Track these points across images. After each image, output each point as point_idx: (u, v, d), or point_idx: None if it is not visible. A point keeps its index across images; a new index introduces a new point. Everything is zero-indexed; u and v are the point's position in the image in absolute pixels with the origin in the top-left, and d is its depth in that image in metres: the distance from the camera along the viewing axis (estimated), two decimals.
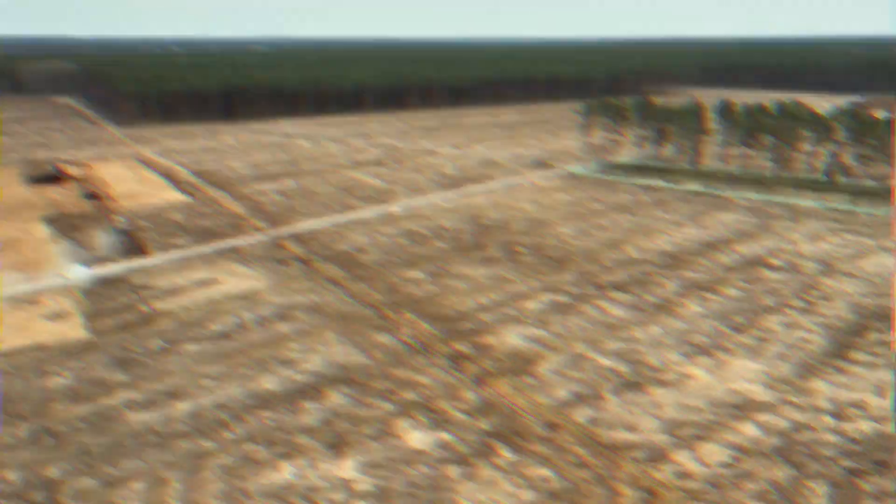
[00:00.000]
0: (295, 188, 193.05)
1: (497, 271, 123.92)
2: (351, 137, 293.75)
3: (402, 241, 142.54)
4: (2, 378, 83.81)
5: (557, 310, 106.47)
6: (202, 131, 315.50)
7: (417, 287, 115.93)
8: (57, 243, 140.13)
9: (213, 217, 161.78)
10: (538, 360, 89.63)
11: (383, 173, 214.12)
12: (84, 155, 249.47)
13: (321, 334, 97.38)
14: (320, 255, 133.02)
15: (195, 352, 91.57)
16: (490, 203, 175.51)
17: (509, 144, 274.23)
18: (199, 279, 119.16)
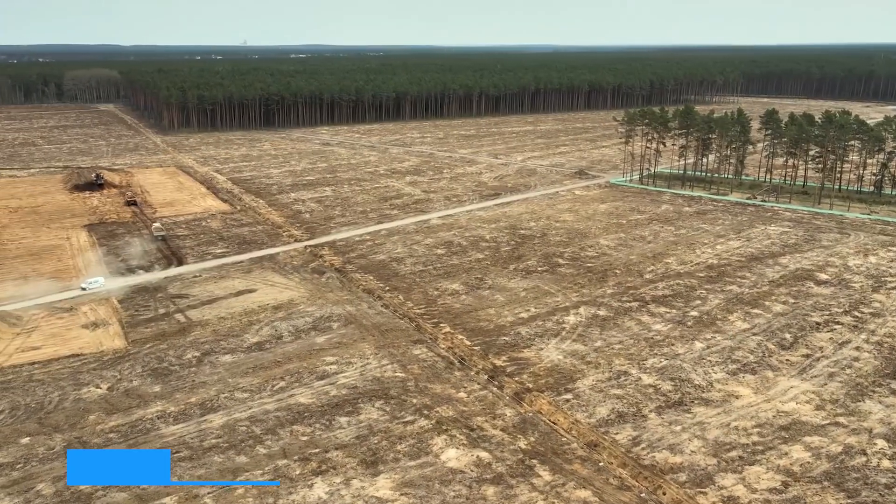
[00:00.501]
0: (332, 197, 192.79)
1: (536, 283, 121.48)
2: (389, 146, 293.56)
3: (440, 251, 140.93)
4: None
5: (598, 324, 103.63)
6: (242, 139, 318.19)
7: (455, 299, 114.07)
8: (97, 251, 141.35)
9: (250, 225, 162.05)
10: (579, 376, 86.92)
11: (421, 182, 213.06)
12: (125, 162, 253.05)
13: (358, 346, 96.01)
14: (357, 265, 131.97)
15: (230, 363, 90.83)
16: (529, 213, 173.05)
17: (548, 153, 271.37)
18: (236, 289, 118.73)
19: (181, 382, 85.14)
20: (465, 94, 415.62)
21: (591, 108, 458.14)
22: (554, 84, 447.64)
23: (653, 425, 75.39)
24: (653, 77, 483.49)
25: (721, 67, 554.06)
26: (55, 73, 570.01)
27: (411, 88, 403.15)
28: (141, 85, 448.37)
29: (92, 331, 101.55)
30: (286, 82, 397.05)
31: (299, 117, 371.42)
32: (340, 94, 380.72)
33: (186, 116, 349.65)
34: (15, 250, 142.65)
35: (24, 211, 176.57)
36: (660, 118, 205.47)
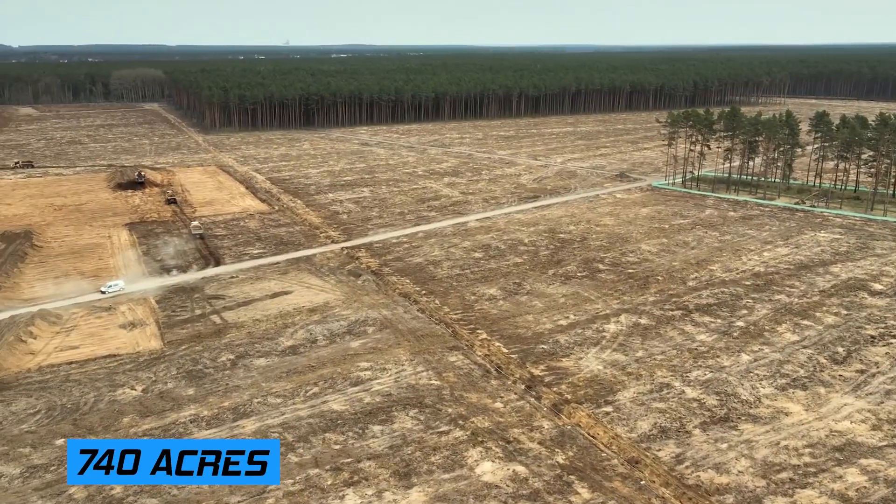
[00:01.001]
0: (370, 197, 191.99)
1: (575, 289, 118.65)
2: (428, 146, 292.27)
3: (478, 254, 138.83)
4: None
5: (640, 333, 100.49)
6: (281, 139, 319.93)
7: (492, 304, 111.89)
8: (136, 250, 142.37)
9: (287, 226, 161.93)
10: (619, 387, 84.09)
11: (459, 183, 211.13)
12: (167, 161, 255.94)
13: (392, 352, 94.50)
14: (393, 268, 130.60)
15: (264, 367, 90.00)
16: (568, 216, 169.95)
17: (589, 155, 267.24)
18: (272, 290, 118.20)
19: (215, 386, 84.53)
20: (504, 95, 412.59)
21: (632, 108, 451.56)
22: (595, 84, 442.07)
23: (697, 442, 72.36)
24: (696, 77, 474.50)
25: (767, 68, 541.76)
26: (103, 72, 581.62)
27: (451, 88, 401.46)
28: (184, 84, 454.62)
29: (129, 331, 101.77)
30: (326, 82, 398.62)
31: (339, 117, 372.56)
32: (380, 94, 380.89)
33: (228, 116, 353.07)
34: (58, 248, 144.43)
35: (69, 209, 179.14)
36: (704, 120, 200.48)
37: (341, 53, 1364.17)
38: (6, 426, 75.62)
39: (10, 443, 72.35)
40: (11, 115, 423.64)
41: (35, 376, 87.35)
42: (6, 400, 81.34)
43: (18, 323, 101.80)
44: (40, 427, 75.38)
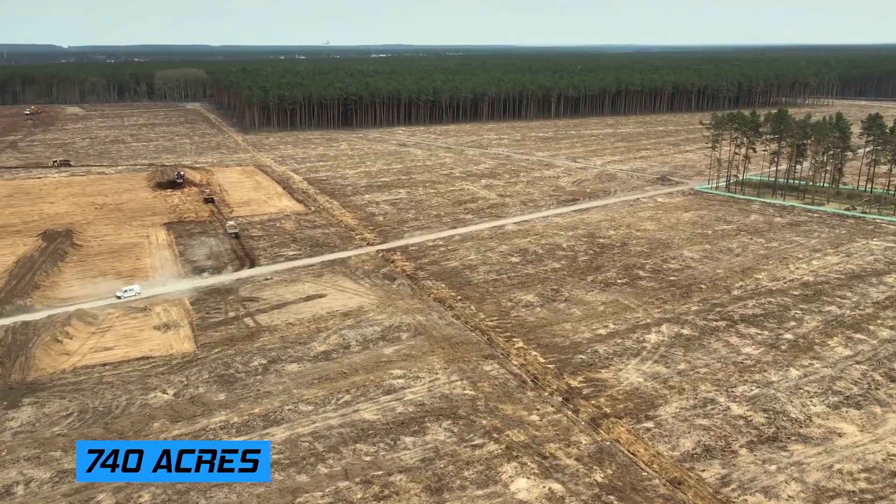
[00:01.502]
0: (406, 199, 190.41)
1: (615, 297, 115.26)
2: (465, 147, 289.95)
3: (515, 259, 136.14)
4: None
5: (682, 344, 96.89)
6: (320, 139, 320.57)
7: (529, 311, 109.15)
8: (173, 250, 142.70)
9: (323, 227, 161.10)
10: (661, 402, 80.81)
11: (497, 185, 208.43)
12: (206, 161, 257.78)
13: (426, 359, 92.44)
14: (429, 272, 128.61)
15: (296, 372, 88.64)
16: (608, 220, 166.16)
17: (629, 157, 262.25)
18: (306, 293, 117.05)
19: (246, 391, 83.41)
20: (543, 96, 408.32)
21: (674, 110, 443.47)
22: (636, 85, 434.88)
23: (744, 463, 68.88)
24: (741, 78, 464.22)
25: (815, 68, 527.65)
26: (147, 72, 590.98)
27: (489, 89, 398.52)
28: (225, 84, 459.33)
29: (163, 332, 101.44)
30: (365, 82, 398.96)
31: (377, 117, 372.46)
32: (418, 94, 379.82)
33: (267, 115, 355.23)
34: (97, 247, 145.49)
35: (109, 208, 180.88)
36: (751, 122, 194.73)
37: (381, 53, 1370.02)
38: (39, 429, 75.37)
39: (41, 446, 72.01)
40: (58, 115, 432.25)
41: (69, 377, 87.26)
42: (40, 401, 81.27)
43: (55, 323, 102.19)
44: (72, 430, 74.95)
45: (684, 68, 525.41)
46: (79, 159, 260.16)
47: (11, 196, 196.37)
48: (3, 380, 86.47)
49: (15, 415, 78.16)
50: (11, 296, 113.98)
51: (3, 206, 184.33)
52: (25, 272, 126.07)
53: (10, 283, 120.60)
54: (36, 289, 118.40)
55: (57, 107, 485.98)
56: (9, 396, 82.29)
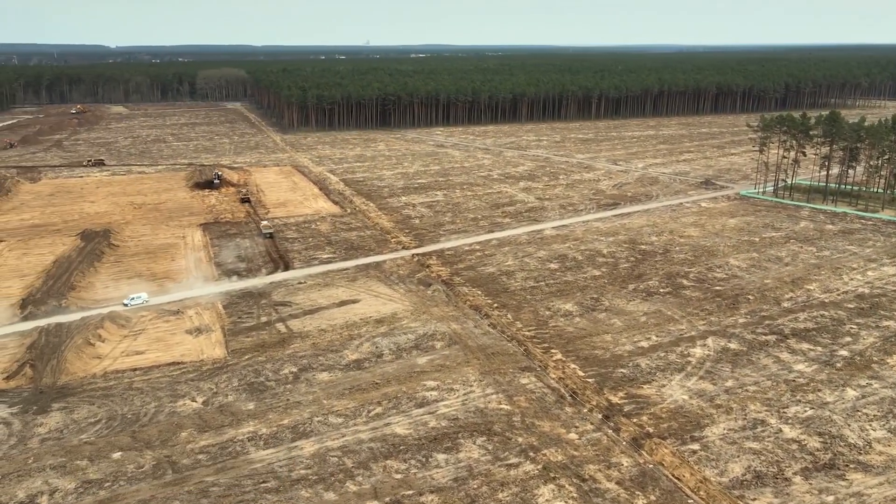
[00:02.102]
0: (443, 202, 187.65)
1: (658, 307, 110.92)
2: (504, 148, 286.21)
3: (553, 265, 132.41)
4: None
5: (729, 359, 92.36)
6: (357, 139, 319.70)
7: (568, 321, 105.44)
8: (208, 251, 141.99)
9: (359, 230, 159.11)
10: (707, 422, 76.65)
11: (535, 188, 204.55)
12: (245, 161, 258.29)
13: (461, 370, 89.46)
14: (465, 277, 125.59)
15: (327, 382, 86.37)
16: (650, 226, 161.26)
17: (671, 160, 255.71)
18: (339, 298, 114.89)
19: (275, 401, 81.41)
20: (584, 96, 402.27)
21: (718, 111, 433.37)
22: (679, 86, 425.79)
23: (799, 492, 64.55)
24: (788, 79, 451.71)
25: (866, 68, 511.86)
26: (189, 72, 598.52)
27: (528, 89, 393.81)
28: (265, 84, 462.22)
29: (195, 337, 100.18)
30: (403, 82, 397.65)
31: (415, 117, 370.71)
32: (457, 94, 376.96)
33: (306, 115, 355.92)
34: (134, 248, 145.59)
35: (147, 208, 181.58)
36: (801, 125, 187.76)
37: (420, 53, 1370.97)
38: (66, 435, 74.28)
39: (68, 454, 70.80)
40: (103, 114, 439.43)
41: (99, 382, 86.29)
42: (69, 407, 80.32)
43: (88, 325, 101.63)
44: (99, 438, 73.68)
45: (729, 68, 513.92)
46: (120, 158, 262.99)
47: (54, 195, 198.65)
48: (34, 383, 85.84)
49: (44, 420, 77.26)
50: (47, 296, 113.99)
51: (45, 204, 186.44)
52: (62, 272, 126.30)
53: (47, 283, 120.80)
54: (71, 289, 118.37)
55: (102, 106, 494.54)
56: (39, 401, 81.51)
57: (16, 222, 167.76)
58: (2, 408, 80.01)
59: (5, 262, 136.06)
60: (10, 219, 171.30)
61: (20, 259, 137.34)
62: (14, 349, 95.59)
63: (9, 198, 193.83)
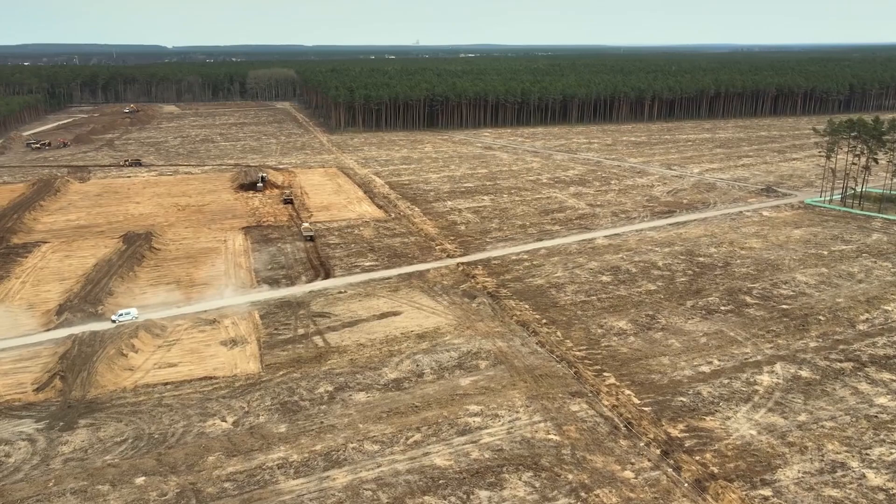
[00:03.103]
0: (490, 207, 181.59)
1: (719, 326, 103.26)
2: (553, 151, 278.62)
3: (606, 278, 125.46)
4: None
5: (801, 388, 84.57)
6: (404, 140, 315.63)
7: (622, 340, 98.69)
8: (249, 257, 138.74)
9: (402, 236, 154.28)
10: (779, 462, 69.28)
11: (586, 194, 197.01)
12: (290, 161, 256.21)
13: (506, 394, 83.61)
14: (512, 290, 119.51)
15: (364, 403, 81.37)
16: (708, 236, 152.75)
17: (729, 165, 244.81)
18: (380, 310, 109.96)
19: (309, 423, 76.76)
20: (636, 98, 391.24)
21: (777, 113, 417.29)
22: (736, 87, 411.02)
23: None
24: (853, 80, 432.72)
25: None
26: (241, 72, 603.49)
27: (579, 91, 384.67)
28: (313, 84, 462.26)
29: (229, 349, 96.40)
30: (452, 82, 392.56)
31: (463, 119, 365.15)
32: (506, 95, 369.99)
33: (353, 116, 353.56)
34: (174, 251, 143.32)
35: (191, 210, 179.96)
36: (874, 129, 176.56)
37: (469, 53, 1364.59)
38: (91, 456, 70.80)
39: (90, 476, 67.20)
40: (155, 113, 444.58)
41: (129, 397, 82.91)
42: (96, 423, 76.98)
43: (122, 334, 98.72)
44: (124, 460, 69.97)
45: (788, 69, 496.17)
46: (168, 158, 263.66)
47: (101, 195, 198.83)
48: (63, 396, 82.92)
49: (69, 438, 73.98)
50: (85, 302, 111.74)
51: (91, 205, 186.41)
52: (102, 276, 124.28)
53: (86, 287, 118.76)
54: (109, 295, 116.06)
55: (155, 105, 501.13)
56: (66, 416, 78.40)
57: (62, 223, 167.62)
58: (28, 422, 77.14)
59: (47, 264, 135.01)
60: (56, 219, 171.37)
61: (62, 262, 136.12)
62: (47, 358, 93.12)
63: (57, 198, 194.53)
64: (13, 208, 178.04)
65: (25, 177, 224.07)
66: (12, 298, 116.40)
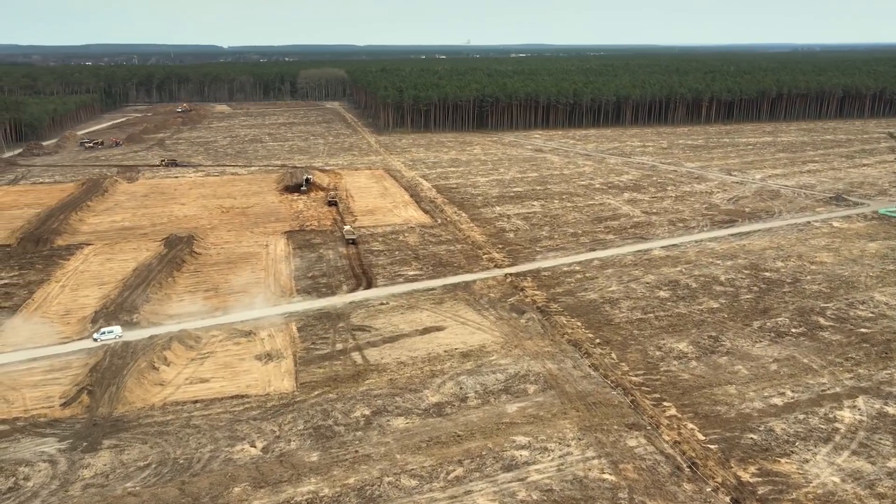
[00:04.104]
0: (541, 213, 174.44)
1: (791, 351, 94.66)
2: (606, 155, 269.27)
3: (664, 293, 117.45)
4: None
5: (889, 428, 75.46)
6: (452, 141, 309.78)
7: (683, 365, 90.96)
8: (290, 263, 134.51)
9: (448, 243, 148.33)
10: None
11: (641, 201, 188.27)
12: (337, 163, 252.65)
13: (557, 424, 76.93)
14: (563, 304, 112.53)
15: (402, 430, 75.61)
16: (774, 248, 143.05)
17: (793, 171, 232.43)
18: (423, 325, 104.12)
19: (342, 451, 71.31)
20: (693, 99, 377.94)
21: (843, 116, 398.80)
22: (799, 88, 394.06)
23: None
24: None
25: None
26: (292, 71, 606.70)
27: (633, 92, 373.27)
28: (363, 84, 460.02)
29: (264, 364, 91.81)
30: (502, 83, 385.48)
31: (513, 120, 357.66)
32: (557, 96, 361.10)
33: (401, 116, 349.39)
34: (215, 256, 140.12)
35: (235, 212, 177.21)
36: None
37: (520, 53, 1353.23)
38: (112, 482, 66.58)
39: None
40: (207, 112, 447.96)
41: (157, 416, 78.76)
42: (121, 444, 72.88)
43: (155, 346, 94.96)
44: (145, 488, 65.54)
45: (855, 69, 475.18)
46: (217, 158, 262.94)
47: (147, 196, 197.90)
48: (90, 413, 79.23)
49: (91, 461, 69.95)
50: (121, 309, 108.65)
51: (137, 206, 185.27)
52: (140, 282, 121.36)
53: (123, 294, 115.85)
54: (146, 302, 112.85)
55: (207, 105, 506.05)
56: (90, 436, 74.50)
57: (107, 224, 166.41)
58: (51, 441, 73.51)
59: (88, 267, 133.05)
60: (102, 220, 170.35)
61: (102, 265, 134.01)
62: (77, 369, 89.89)
63: (105, 198, 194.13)
64: (60, 208, 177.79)
65: (76, 176, 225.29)
66: (50, 303, 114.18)
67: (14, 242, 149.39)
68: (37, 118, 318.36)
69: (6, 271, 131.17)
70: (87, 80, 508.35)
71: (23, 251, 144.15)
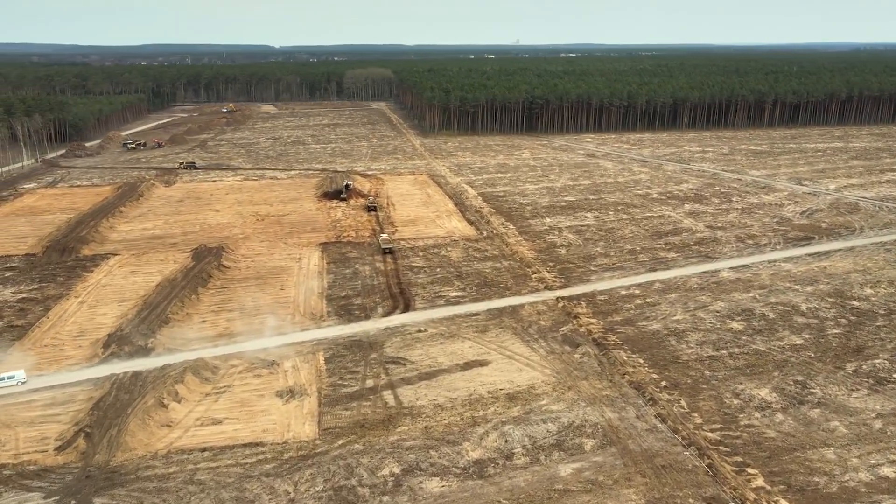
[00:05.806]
0: (595, 226, 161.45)
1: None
2: (663, 160, 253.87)
3: (737, 325, 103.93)
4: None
5: None
6: (500, 145, 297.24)
7: (767, 418, 77.82)
8: (322, 280, 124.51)
9: (494, 259, 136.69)
10: None
11: (704, 213, 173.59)
12: (380, 167, 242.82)
13: (619, 493, 64.89)
14: (622, 336, 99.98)
15: (437, 496, 64.16)
16: (860, 272, 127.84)
17: (871, 181, 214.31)
18: (464, 358, 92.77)
19: None
20: (755, 102, 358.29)
21: None
22: (872, 90, 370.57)
23: None
24: None
25: None
26: (338, 71, 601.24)
27: (691, 94, 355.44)
28: (409, 84, 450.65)
29: (285, 402, 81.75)
30: (552, 84, 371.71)
31: (563, 122, 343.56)
32: (611, 98, 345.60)
33: (448, 118, 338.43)
34: (244, 270, 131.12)
35: (270, 220, 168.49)
36: None
37: (571, 53, 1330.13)
38: None
39: None
40: (252, 113, 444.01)
41: (158, 467, 69.12)
42: None
43: (166, 378, 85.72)
44: None
45: None
46: (257, 161, 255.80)
47: (182, 201, 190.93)
48: (84, 460, 70.01)
49: None
50: (136, 332, 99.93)
51: (171, 212, 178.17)
52: (161, 300, 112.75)
53: (141, 313, 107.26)
54: (164, 324, 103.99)
55: (252, 105, 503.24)
56: (80, 492, 65.16)
57: (137, 232, 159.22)
58: (35, 499, 64.28)
59: (111, 280, 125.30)
60: (133, 227, 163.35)
61: (126, 279, 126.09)
62: (80, 404, 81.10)
63: (139, 203, 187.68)
64: (92, 214, 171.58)
65: (115, 178, 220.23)
66: (64, 322, 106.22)
67: (40, 252, 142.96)
68: (81, 118, 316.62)
69: (26, 284, 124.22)
70: (135, 80, 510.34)
71: (47, 261, 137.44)
